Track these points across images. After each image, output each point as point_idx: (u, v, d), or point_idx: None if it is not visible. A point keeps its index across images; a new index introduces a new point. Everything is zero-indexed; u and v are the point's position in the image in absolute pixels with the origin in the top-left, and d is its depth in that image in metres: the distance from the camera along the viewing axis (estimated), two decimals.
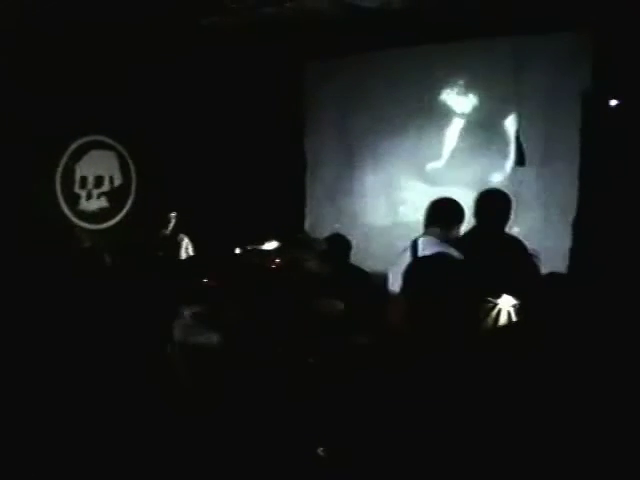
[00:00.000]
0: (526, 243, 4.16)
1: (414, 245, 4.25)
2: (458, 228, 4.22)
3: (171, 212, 6.15)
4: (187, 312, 3.46)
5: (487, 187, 4.64)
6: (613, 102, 5.18)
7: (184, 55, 6.05)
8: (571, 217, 5.40)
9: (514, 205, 5.56)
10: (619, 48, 4.96)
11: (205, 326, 3.39)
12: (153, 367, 3.37)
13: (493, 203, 4.28)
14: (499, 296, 3.14)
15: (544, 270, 4.04)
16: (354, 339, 3.61)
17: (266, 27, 5.51)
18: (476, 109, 5.92)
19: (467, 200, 4.30)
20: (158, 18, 5.20)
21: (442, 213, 4.26)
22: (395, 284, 4.28)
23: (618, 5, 4.72)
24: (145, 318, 3.49)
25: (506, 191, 4.45)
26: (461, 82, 5.89)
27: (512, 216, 4.36)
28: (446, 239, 4.10)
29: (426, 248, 4.12)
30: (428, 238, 4.18)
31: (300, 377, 3.30)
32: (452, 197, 4.37)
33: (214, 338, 3.30)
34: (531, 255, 4.05)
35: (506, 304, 3.07)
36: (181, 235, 6.11)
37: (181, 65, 6.18)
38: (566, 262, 5.28)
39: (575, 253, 5.31)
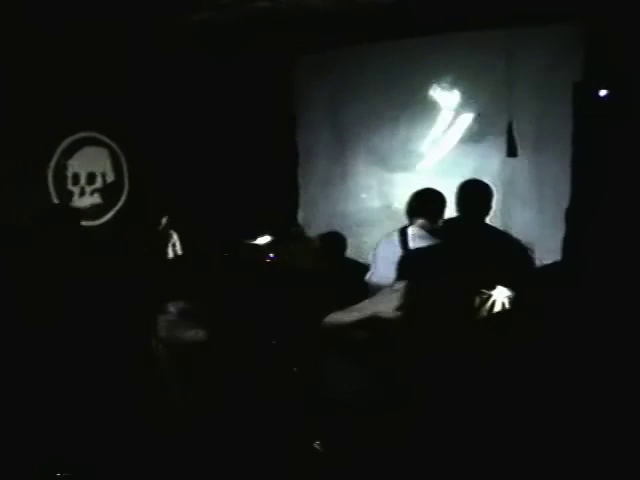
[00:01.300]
0: (520, 236, 4.17)
1: (403, 236, 4.32)
2: (442, 219, 4.30)
3: (163, 208, 6.13)
4: (173, 308, 3.43)
5: (472, 178, 4.68)
6: (605, 92, 5.19)
7: (177, 51, 6.04)
8: (564, 207, 5.42)
9: (507, 196, 5.65)
10: (611, 39, 4.97)
11: (191, 322, 3.36)
12: (138, 364, 3.35)
13: (475, 194, 4.32)
14: (493, 287, 3.15)
15: (538, 261, 4.07)
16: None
17: (258, 21, 5.50)
18: (468, 101, 5.92)
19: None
20: (151, 14, 5.19)
21: (428, 205, 4.38)
22: (380, 271, 4.34)
23: None
24: (133, 314, 3.47)
25: (489, 182, 4.50)
26: (453, 74, 5.89)
27: (498, 206, 4.42)
28: (431, 230, 4.20)
29: (416, 240, 4.19)
30: (417, 229, 4.27)
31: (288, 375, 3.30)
32: (434, 188, 4.47)
33: (201, 334, 3.28)
34: (525, 248, 4.06)
35: (500, 295, 3.08)
36: (170, 231, 6.09)
37: (174, 61, 6.16)
38: (559, 252, 5.30)
39: (568, 243, 5.33)
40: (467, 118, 5.94)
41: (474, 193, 4.32)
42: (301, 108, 6.87)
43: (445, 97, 6.00)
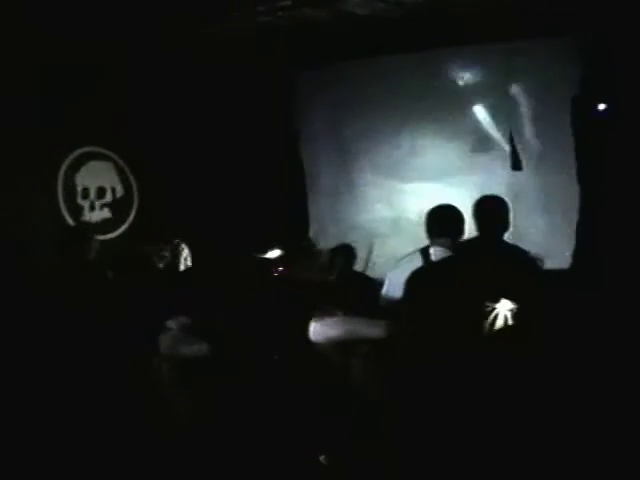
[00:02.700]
0: (528, 247, 4.12)
1: (426, 257, 4.13)
2: (462, 236, 4.17)
3: (173, 223, 6.15)
4: (174, 324, 3.40)
5: (485, 193, 4.59)
6: (605, 105, 5.18)
7: (181, 65, 6.06)
8: (572, 219, 5.39)
9: (514, 209, 5.61)
10: (610, 54, 4.96)
11: (194, 337, 3.34)
12: (142, 380, 3.34)
13: (492, 210, 4.22)
14: (497, 300, 3.13)
15: (547, 273, 4.03)
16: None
17: (262, 36, 5.52)
18: (470, 115, 5.92)
19: (466, 204, 4.28)
20: (155, 28, 5.22)
21: (451, 223, 4.15)
22: (398, 292, 4.22)
23: (610, 11, 4.72)
24: (143, 330, 3.47)
25: (504, 197, 4.42)
26: (454, 87, 5.89)
27: (511, 221, 4.32)
28: (454, 249, 4.03)
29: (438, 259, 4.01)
30: (439, 249, 4.06)
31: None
32: (452, 204, 4.29)
33: (204, 349, 3.25)
34: (533, 259, 4.01)
35: (504, 308, 3.06)
36: (182, 245, 6.10)
37: (178, 75, 6.19)
38: (569, 264, 5.26)
39: (578, 255, 5.29)
40: (470, 131, 5.93)
41: (490, 210, 4.21)
42: (306, 123, 6.89)
43: (448, 111, 6.00)
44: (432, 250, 4.06)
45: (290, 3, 4.98)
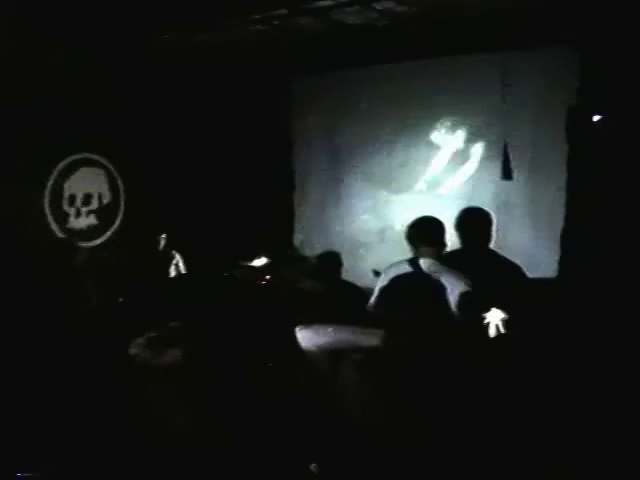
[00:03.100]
0: (514, 257, 4.14)
1: (416, 267, 4.13)
2: (445, 246, 4.16)
3: (161, 230, 6.14)
4: (155, 330, 3.39)
5: (473, 205, 4.59)
6: (599, 116, 5.22)
7: (174, 73, 6.07)
8: (559, 229, 5.43)
9: (502, 218, 5.65)
10: (605, 64, 5.02)
11: (176, 342, 3.32)
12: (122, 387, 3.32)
13: (475, 222, 4.21)
14: (488, 310, 3.16)
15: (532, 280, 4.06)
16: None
17: (255, 44, 5.54)
18: (463, 124, 5.96)
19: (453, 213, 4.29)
20: (148, 35, 5.23)
21: (438, 234, 4.11)
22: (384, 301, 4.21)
23: (603, 21, 4.78)
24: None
25: (484, 204, 4.43)
26: (448, 97, 5.93)
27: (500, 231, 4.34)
28: (440, 259, 4.03)
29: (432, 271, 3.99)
30: (429, 260, 4.05)
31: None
32: (434, 216, 4.25)
33: (186, 354, 3.23)
34: (516, 267, 4.03)
35: (494, 318, 3.09)
36: (172, 252, 6.09)
37: (171, 82, 6.19)
38: (555, 272, 5.30)
39: (564, 265, 5.33)
40: (463, 140, 5.97)
41: (472, 223, 4.20)
42: (298, 131, 6.89)
43: (440, 119, 6.04)
44: (422, 261, 4.05)
45: (285, 12, 5.02)
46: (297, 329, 3.20)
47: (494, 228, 4.23)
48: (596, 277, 4.65)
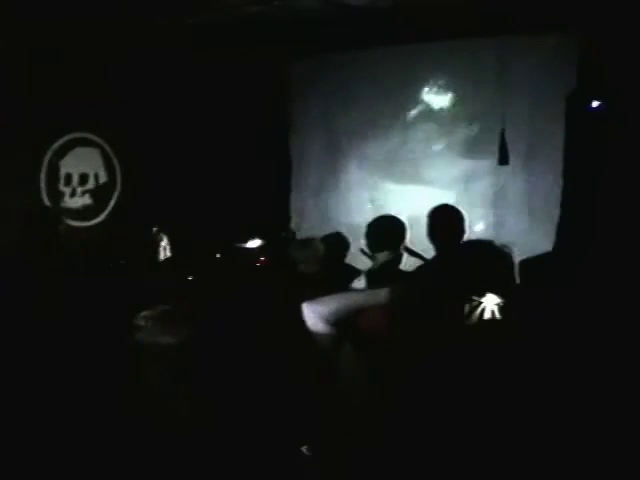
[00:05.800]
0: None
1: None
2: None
3: (154, 211, 6.13)
4: (153, 311, 3.37)
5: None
6: (597, 104, 5.21)
7: (169, 53, 6.03)
8: (555, 217, 5.43)
9: (498, 205, 5.66)
10: (604, 51, 5.00)
11: (174, 325, 3.30)
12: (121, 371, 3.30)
13: (444, 224, 4.23)
14: (483, 294, 3.15)
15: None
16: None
17: (252, 26, 5.50)
18: (461, 109, 5.94)
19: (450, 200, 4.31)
20: (142, 16, 5.19)
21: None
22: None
23: (603, 7, 4.76)
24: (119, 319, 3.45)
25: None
26: (446, 82, 5.91)
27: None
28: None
29: None
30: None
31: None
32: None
33: (183, 336, 3.21)
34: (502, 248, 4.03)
35: (490, 303, 3.08)
36: (160, 234, 6.07)
37: (167, 63, 6.16)
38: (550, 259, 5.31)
39: (559, 252, 5.34)
40: (460, 126, 5.96)
41: (443, 224, 4.23)
42: (295, 114, 6.87)
43: (438, 105, 6.02)
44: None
45: None
46: (303, 305, 3.15)
47: (465, 224, 4.25)
48: (592, 265, 4.65)
